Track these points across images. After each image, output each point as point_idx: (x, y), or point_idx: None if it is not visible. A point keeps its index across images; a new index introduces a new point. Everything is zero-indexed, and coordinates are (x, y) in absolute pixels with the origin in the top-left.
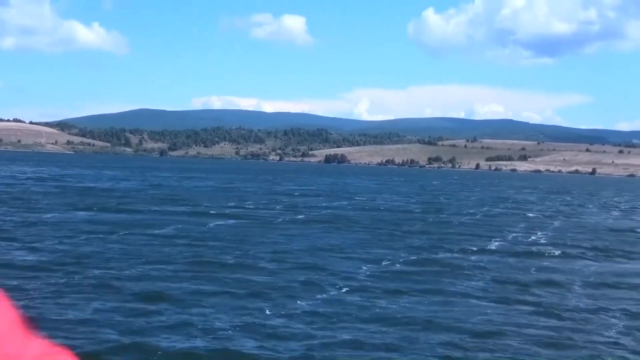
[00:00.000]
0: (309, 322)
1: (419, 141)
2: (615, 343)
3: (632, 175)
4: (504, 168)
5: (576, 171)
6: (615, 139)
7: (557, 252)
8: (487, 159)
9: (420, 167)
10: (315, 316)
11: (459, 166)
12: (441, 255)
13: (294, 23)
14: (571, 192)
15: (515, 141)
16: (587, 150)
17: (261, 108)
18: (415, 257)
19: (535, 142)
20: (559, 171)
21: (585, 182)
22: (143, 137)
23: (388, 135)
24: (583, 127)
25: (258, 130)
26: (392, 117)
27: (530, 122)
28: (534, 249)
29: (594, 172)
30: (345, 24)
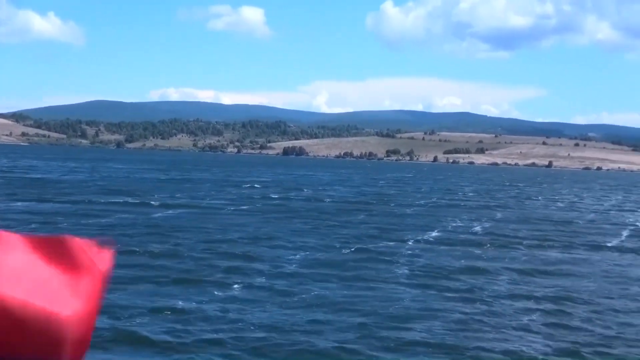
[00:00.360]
0: (224, 308)
1: (377, 134)
2: (526, 328)
3: (587, 168)
4: (461, 161)
5: (533, 164)
6: (571, 132)
7: (492, 242)
8: (445, 152)
9: (379, 159)
10: (233, 301)
11: (417, 159)
12: (377, 244)
13: (253, 15)
14: (521, 184)
15: (473, 134)
16: (544, 143)
17: (219, 100)
18: (350, 246)
19: (493, 135)
20: (516, 164)
21: (539, 174)
22: (99, 129)
23: (346, 128)
24: (540, 120)
25: (216, 122)
26: (350, 110)
27: (488, 115)
28: (470, 238)
29: (550, 165)
30: (304, 16)
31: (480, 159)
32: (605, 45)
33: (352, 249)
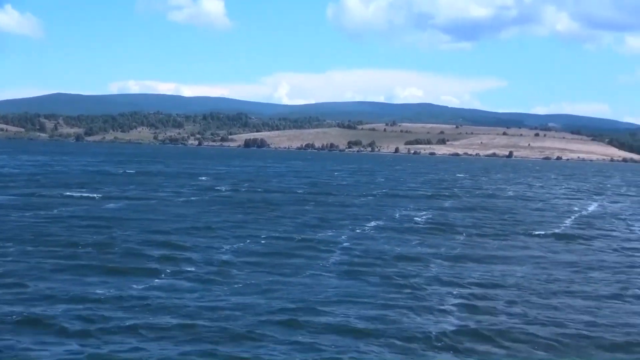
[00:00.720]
0: (145, 295)
1: (338, 125)
2: (446, 311)
3: (547, 158)
4: (422, 152)
5: (494, 154)
6: (532, 123)
7: (432, 231)
8: (407, 143)
9: (340, 151)
10: (157, 289)
11: (379, 150)
12: (316, 234)
13: (213, 6)
14: (477, 174)
15: (435, 125)
16: (504, 133)
17: (180, 92)
18: (288, 236)
19: (454, 126)
20: (477, 154)
21: (499, 164)
22: (58, 122)
23: (308, 120)
24: (501, 110)
25: (177, 114)
26: (312, 101)
27: (449, 106)
28: (412, 227)
29: (510, 155)
30: (265, 7)
31: (441, 150)
32: (564, 36)
33: (290, 239)
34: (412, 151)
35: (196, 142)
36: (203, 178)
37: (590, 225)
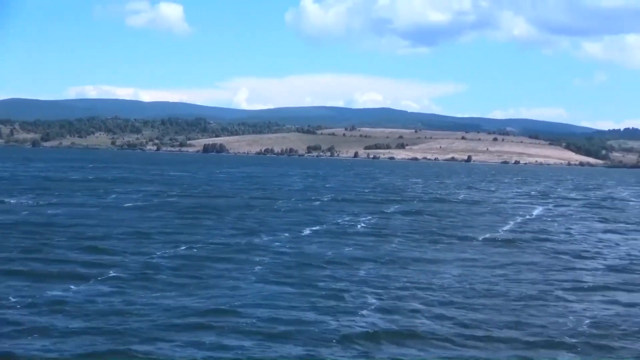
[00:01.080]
0: (64, 296)
1: (298, 130)
2: (362, 313)
3: (505, 162)
4: (382, 156)
5: (452, 158)
6: (490, 127)
7: (369, 235)
8: (366, 147)
9: (300, 155)
10: (71, 292)
11: (338, 154)
12: (252, 239)
13: (171, 11)
14: (432, 179)
15: (394, 129)
16: (463, 138)
17: (138, 97)
18: (222, 241)
19: (413, 131)
20: (436, 159)
21: (457, 169)
22: (14, 128)
23: (267, 125)
24: (460, 115)
25: (135, 120)
26: (271, 106)
27: (409, 111)
28: (350, 232)
29: (469, 159)
30: (223, 12)
31: (400, 154)
32: (522, 41)
33: (225, 244)
34: (372, 156)
35: (154, 148)
36: (154, 184)
37: (530, 229)
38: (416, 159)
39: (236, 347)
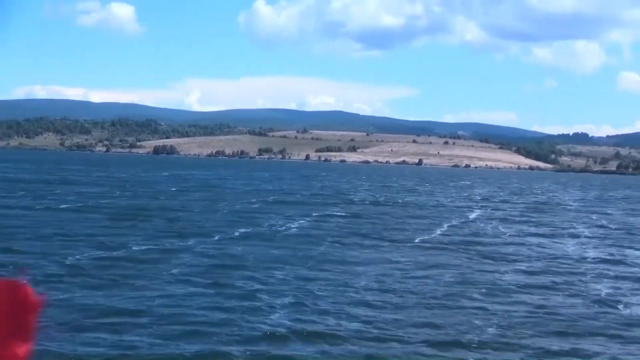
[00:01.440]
0: None
1: (249, 132)
2: (267, 312)
3: (456, 166)
4: (333, 159)
5: (403, 162)
6: (442, 131)
7: (300, 238)
8: (317, 150)
9: (251, 158)
10: None
11: (290, 157)
12: (176, 241)
13: (123, 11)
14: (378, 182)
15: (346, 132)
16: (414, 141)
17: (88, 98)
18: (144, 243)
19: (365, 134)
20: (387, 162)
21: (404, 172)
22: None
23: (219, 127)
24: (411, 119)
25: (84, 120)
26: (223, 108)
27: (361, 114)
28: (281, 234)
29: (420, 162)
30: (176, 13)
31: (351, 157)
32: (473, 46)
33: (147, 247)
34: (323, 158)
35: (104, 149)
36: (97, 185)
37: (462, 232)
38: (368, 162)
39: (133, 346)
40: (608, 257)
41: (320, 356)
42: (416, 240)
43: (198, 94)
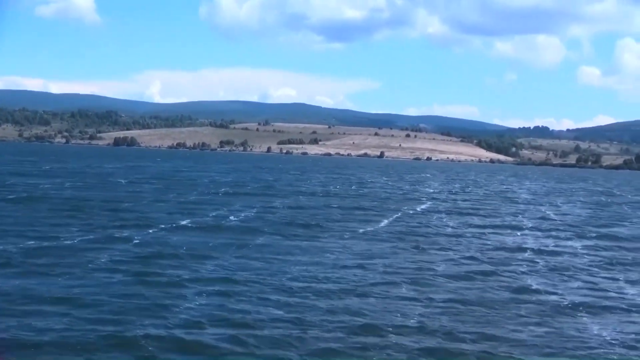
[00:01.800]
0: None
1: (210, 124)
2: (190, 302)
3: (418, 159)
4: (295, 151)
5: (365, 154)
6: (403, 124)
7: (239, 229)
8: (279, 143)
9: (212, 150)
10: None
11: (251, 149)
12: (112, 232)
13: (82, 1)
14: (334, 174)
15: (308, 125)
16: (376, 134)
17: (48, 89)
18: (79, 235)
19: (327, 126)
20: (349, 154)
21: (368, 164)
22: None
23: (180, 118)
24: (373, 111)
25: (44, 111)
26: (185, 100)
27: (323, 107)
28: (221, 225)
29: (382, 155)
30: (136, 4)
31: (313, 150)
32: (435, 39)
33: (82, 238)
34: (285, 151)
35: (63, 140)
36: (49, 177)
37: (406, 224)
38: (329, 154)
39: (47, 330)
40: (544, 249)
41: (232, 344)
42: (360, 231)
43: (159, 86)
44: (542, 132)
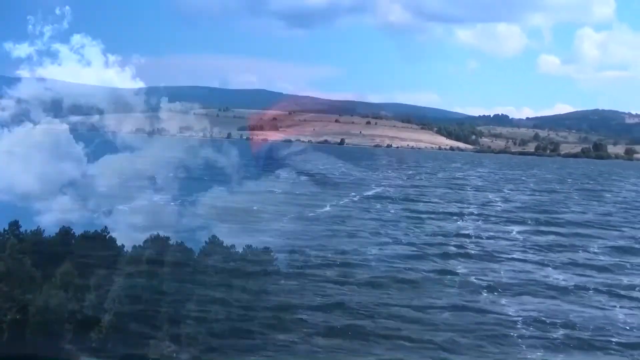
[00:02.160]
0: None
1: (170, 110)
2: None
3: (378, 146)
4: (255, 137)
5: (325, 141)
6: (365, 111)
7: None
8: (239, 129)
9: (172, 136)
10: None
11: (211, 136)
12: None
13: None
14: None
15: (268, 111)
16: (337, 121)
17: None
18: None
19: (287, 112)
20: (309, 141)
21: (324, 152)
22: None
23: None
24: (335, 98)
25: None
26: (144, 85)
27: (284, 93)
28: None
29: (342, 142)
30: None
31: (274, 136)
32: (397, 26)
33: None
34: (245, 137)
35: None
36: None
37: (349, 210)
38: (290, 141)
39: None
40: (481, 234)
41: None
42: (291, 217)
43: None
44: (502, 120)
